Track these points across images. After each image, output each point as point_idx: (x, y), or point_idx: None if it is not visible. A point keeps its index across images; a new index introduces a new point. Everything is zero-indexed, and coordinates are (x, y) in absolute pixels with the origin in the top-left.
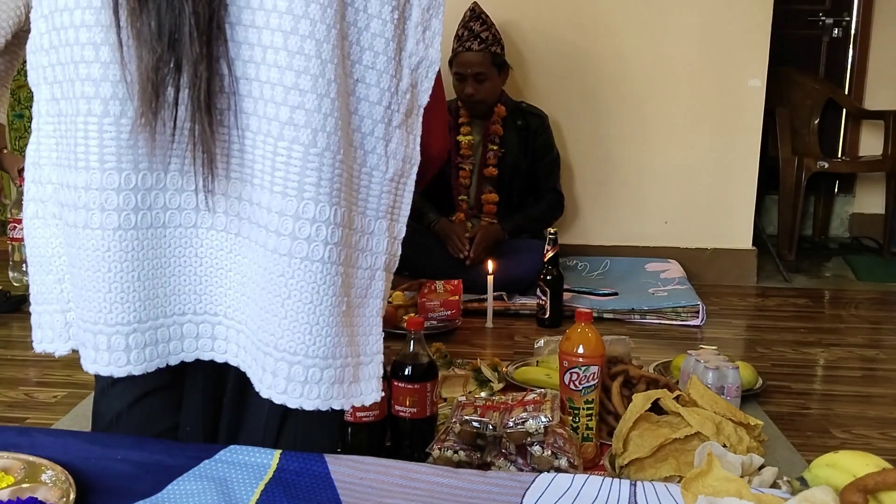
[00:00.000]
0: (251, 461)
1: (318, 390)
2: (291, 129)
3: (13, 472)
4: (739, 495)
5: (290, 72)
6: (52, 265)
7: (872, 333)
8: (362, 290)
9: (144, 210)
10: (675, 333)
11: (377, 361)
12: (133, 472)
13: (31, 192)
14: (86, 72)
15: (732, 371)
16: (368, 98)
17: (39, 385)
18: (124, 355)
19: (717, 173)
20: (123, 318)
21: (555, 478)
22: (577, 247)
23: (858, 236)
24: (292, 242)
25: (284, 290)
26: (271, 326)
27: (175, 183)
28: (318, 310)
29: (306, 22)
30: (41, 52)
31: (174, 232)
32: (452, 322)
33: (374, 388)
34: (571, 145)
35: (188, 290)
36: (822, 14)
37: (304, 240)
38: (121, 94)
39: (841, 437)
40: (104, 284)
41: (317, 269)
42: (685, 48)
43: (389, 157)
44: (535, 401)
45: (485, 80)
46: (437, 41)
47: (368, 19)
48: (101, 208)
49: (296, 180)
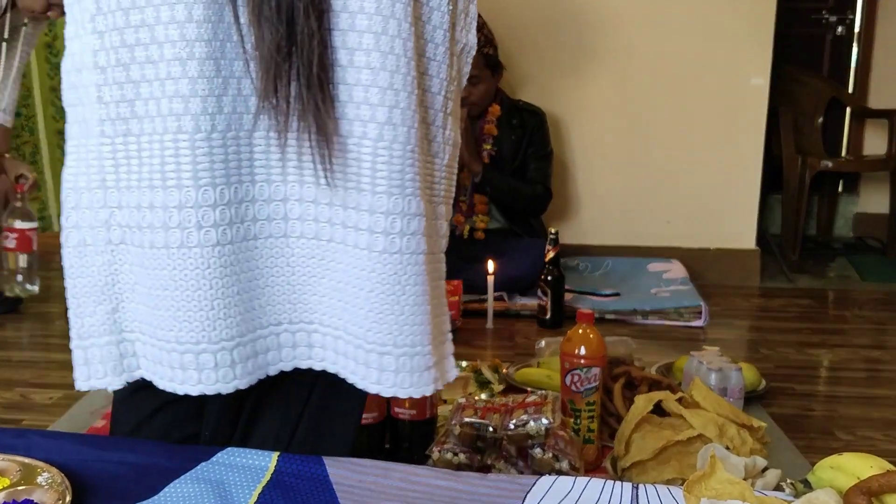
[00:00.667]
0: (249, 463)
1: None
2: (390, 129)
3: (9, 475)
4: (743, 498)
5: (384, 72)
6: (106, 294)
7: (877, 334)
8: (438, 273)
9: (238, 223)
10: (678, 334)
11: (450, 339)
12: (130, 474)
13: (74, 219)
14: (173, 88)
15: (735, 372)
16: (431, 89)
17: (35, 387)
18: (230, 371)
19: (720, 173)
20: (228, 333)
21: (556, 480)
22: (579, 247)
23: (862, 236)
24: (401, 240)
25: (399, 288)
26: (387, 326)
27: (263, 193)
28: (426, 300)
29: (394, 22)
30: (92, 71)
31: (265, 243)
32: (452, 323)
33: (452, 364)
34: (572, 144)
35: (282, 299)
36: (826, 12)
37: (411, 235)
38: (210, 109)
39: (845, 439)
40: (206, 303)
41: (422, 262)
42: (688, 46)
43: (445, 144)
44: (536, 402)
45: (478, 83)
46: (475, 26)
47: (430, 12)
48: (197, 226)
49: (398, 178)
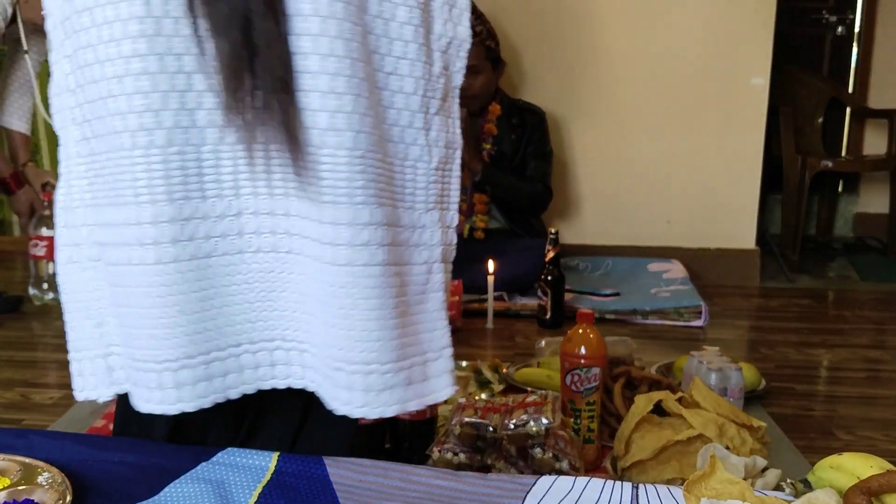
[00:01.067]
0: (249, 463)
1: (395, 395)
2: (333, 135)
3: (9, 475)
4: (742, 498)
5: (324, 75)
6: (91, 310)
7: (877, 334)
8: (420, 286)
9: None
10: (678, 334)
11: (446, 356)
12: (130, 474)
13: (64, 238)
14: (114, 106)
15: (735, 372)
16: (403, 89)
17: (36, 387)
18: (174, 392)
19: (720, 172)
20: (172, 354)
21: (556, 480)
22: (579, 247)
23: (863, 236)
24: (350, 251)
25: (349, 301)
26: (339, 341)
27: (215, 210)
28: (383, 314)
29: (333, 23)
30: (66, 94)
31: (219, 261)
32: (452, 323)
33: (446, 383)
34: (572, 143)
35: (241, 319)
36: (826, 12)
37: (362, 246)
38: (167, 123)
39: (845, 439)
40: (151, 321)
41: (377, 274)
42: (688, 46)
43: (432, 146)
44: (536, 402)
45: (479, 74)
46: (466, 18)
47: (394, 8)
48: (154, 242)
49: (344, 187)
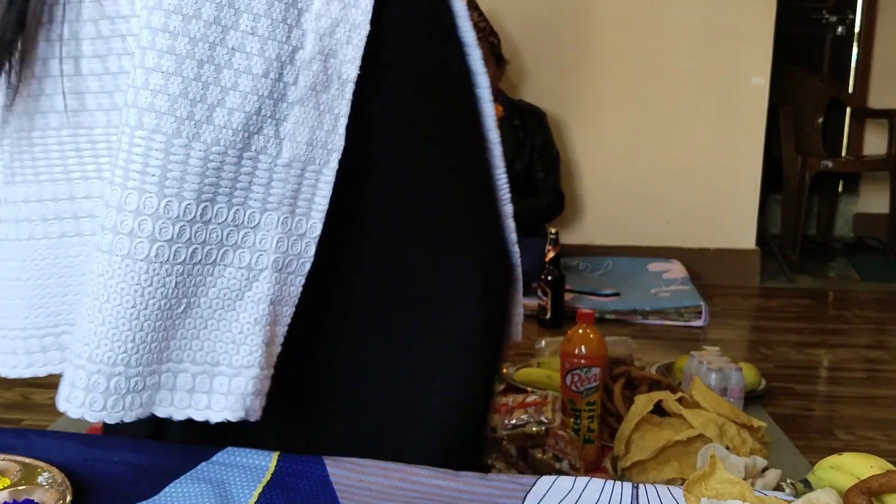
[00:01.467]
0: (249, 463)
1: (140, 399)
2: (116, 115)
3: (9, 475)
4: (743, 498)
5: (113, 56)
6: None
7: (877, 334)
8: (232, 291)
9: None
10: (678, 334)
11: (247, 376)
12: (130, 474)
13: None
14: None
15: (735, 372)
16: (251, 70)
17: (35, 386)
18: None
19: (721, 172)
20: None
21: (556, 480)
22: (579, 247)
23: (863, 236)
24: (114, 237)
25: (103, 293)
26: (86, 335)
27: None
28: (142, 314)
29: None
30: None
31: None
32: None
33: (231, 404)
34: (572, 144)
35: (55, 301)
36: (826, 12)
37: (126, 235)
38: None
39: (845, 439)
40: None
41: (140, 270)
42: (688, 46)
43: (284, 140)
44: (536, 402)
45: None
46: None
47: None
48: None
49: (121, 167)
